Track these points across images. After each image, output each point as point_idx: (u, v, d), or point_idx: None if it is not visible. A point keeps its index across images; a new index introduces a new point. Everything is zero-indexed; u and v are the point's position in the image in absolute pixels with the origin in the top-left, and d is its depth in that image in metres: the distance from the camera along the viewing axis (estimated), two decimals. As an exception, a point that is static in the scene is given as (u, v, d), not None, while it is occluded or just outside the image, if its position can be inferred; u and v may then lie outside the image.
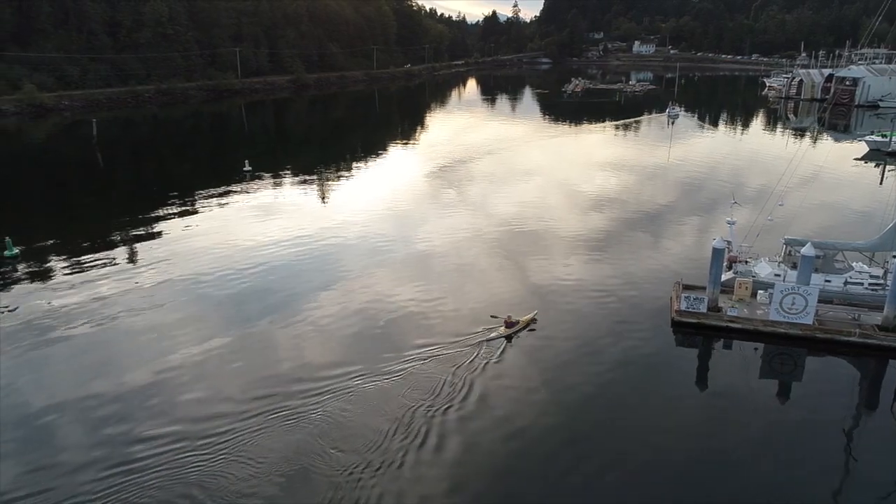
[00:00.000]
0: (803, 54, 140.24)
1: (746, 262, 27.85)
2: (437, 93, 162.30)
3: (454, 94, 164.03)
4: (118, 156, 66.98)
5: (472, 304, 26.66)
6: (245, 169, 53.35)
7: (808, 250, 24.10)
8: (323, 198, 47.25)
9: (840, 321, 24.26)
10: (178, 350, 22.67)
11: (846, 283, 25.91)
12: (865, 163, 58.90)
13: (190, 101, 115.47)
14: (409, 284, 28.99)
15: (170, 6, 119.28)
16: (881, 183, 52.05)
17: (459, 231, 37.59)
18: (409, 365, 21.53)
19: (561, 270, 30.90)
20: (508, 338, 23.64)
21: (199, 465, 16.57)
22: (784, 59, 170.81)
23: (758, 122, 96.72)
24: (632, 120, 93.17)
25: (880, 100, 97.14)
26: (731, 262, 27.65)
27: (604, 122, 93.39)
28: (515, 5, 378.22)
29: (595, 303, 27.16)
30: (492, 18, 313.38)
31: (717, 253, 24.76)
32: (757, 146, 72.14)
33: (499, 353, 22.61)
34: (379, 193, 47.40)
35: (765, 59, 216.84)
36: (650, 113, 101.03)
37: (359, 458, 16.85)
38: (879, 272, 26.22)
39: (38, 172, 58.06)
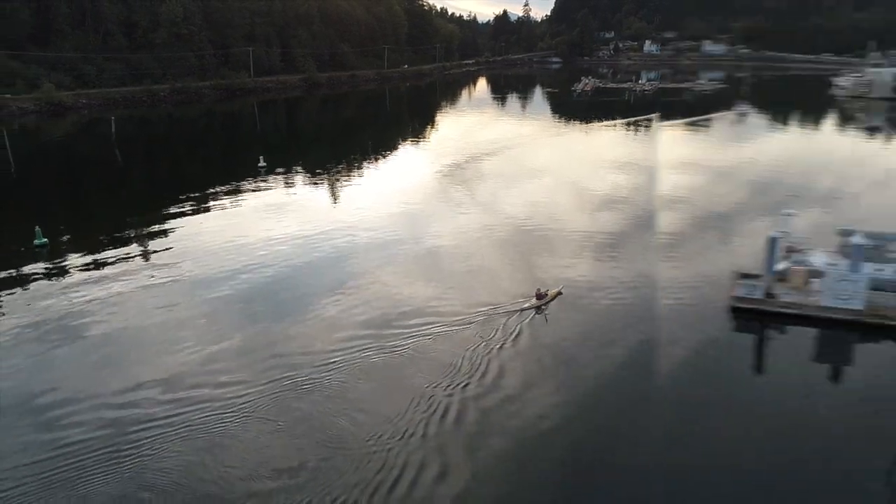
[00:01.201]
0: (876, 52, 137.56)
1: (803, 251, 28.64)
2: (448, 92, 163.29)
3: (464, 93, 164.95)
4: (135, 153, 68.54)
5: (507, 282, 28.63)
6: (260, 165, 54.60)
7: (857, 239, 25.15)
8: (334, 195, 48.02)
9: (891, 307, 24.93)
10: (197, 338, 23.61)
11: None
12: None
13: (204, 100, 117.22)
14: (438, 267, 30.84)
15: (184, 6, 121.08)
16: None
17: (487, 225, 38.29)
18: (449, 328, 23.79)
19: (631, 267, 31.06)
20: (538, 308, 25.58)
21: (219, 427, 17.76)
22: (855, 58, 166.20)
23: (824, 121, 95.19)
24: (642, 118, 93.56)
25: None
26: (789, 252, 28.49)
27: (613, 119, 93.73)
28: (526, 4, 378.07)
29: (654, 292, 27.84)
30: (502, 18, 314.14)
31: (774, 242, 25.96)
32: (821, 144, 71.86)
33: (528, 321, 24.63)
34: (390, 191, 48.07)
35: (836, 59, 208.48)
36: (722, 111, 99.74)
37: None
38: None
39: (59, 169, 59.64)
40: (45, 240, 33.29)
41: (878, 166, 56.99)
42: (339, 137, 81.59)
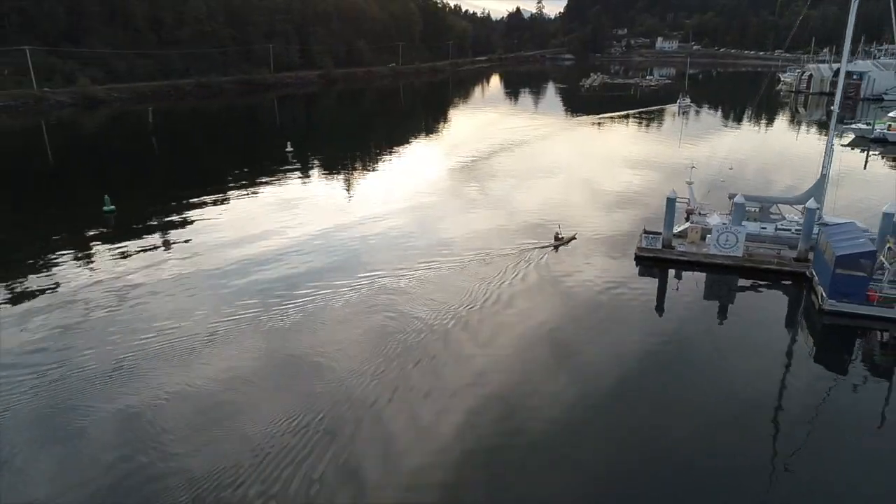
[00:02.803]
0: (825, 50, 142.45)
1: (700, 214, 33.49)
2: (461, 88, 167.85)
3: (477, 89, 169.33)
4: (170, 142, 74.16)
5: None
6: (287, 150, 59.86)
7: (739, 199, 30.40)
8: (349, 189, 49.93)
9: (765, 255, 30.31)
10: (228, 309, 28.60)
11: (777, 228, 31.70)
12: (852, 149, 63.25)
13: (226, 94, 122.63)
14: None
15: (208, 4, 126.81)
16: (864, 167, 56.88)
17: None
18: (484, 255, 31.55)
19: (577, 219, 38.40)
20: (556, 248, 32.79)
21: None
22: (806, 55, 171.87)
23: (764, 114, 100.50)
24: (644, 110, 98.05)
25: (885, 93, 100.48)
26: (689, 214, 33.48)
27: (616, 111, 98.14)
28: (540, 2, 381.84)
29: (592, 243, 34.48)
30: (516, 15, 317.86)
31: (671, 202, 30.97)
32: (749, 132, 78.93)
33: (545, 258, 31.72)
34: (404, 185, 50.07)
35: (787, 55, 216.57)
36: (664, 104, 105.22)
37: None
38: None
39: (104, 154, 65.42)
40: (113, 207, 39.06)
41: (781, 148, 66.16)
42: (354, 132, 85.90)
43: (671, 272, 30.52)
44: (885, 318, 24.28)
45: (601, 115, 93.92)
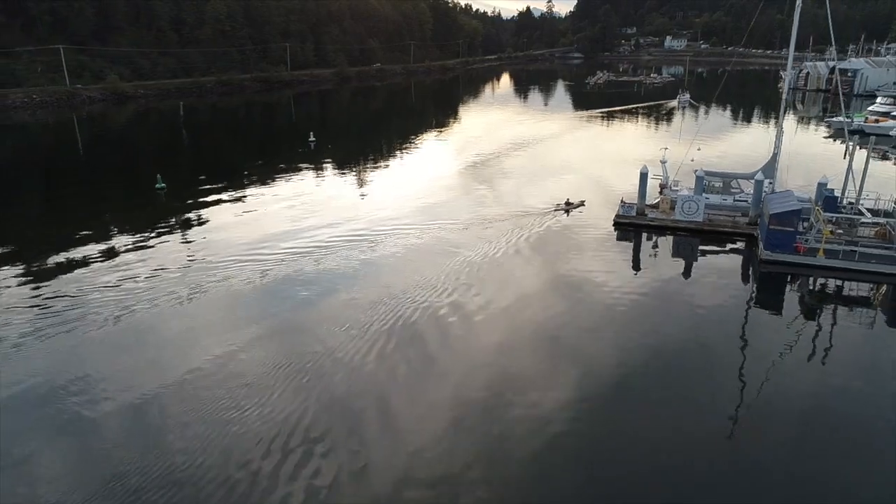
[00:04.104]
0: (831, 48, 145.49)
1: (672, 189, 38.25)
2: (470, 86, 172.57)
3: (487, 87, 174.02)
4: (197, 134, 79.83)
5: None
6: (310, 140, 64.94)
7: (699, 173, 35.54)
8: (361, 186, 49.94)
9: (723, 221, 35.27)
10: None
11: (735, 199, 36.51)
12: (834, 141, 67.63)
13: (245, 92, 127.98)
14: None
15: (227, 5, 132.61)
16: (844, 157, 60.97)
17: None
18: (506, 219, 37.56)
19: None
20: (566, 212, 38.91)
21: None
22: (813, 54, 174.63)
23: (761, 109, 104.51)
24: (642, 105, 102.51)
25: (877, 89, 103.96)
26: (662, 188, 38.32)
27: (616, 106, 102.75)
28: (549, 1, 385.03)
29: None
30: (526, 14, 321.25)
31: (643, 177, 35.84)
32: (740, 123, 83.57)
33: (555, 220, 37.94)
34: (417, 182, 51.05)
35: (795, 54, 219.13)
36: (664, 100, 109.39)
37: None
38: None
39: (140, 145, 71.10)
40: (164, 184, 45.00)
41: (758, 135, 71.09)
42: (366, 129, 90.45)
43: (644, 235, 35.42)
44: (809, 265, 29.24)
45: (601, 110, 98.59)
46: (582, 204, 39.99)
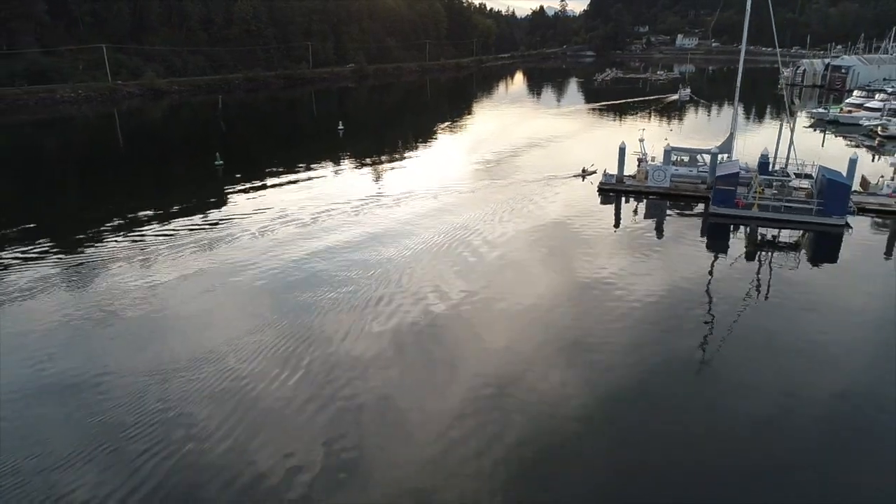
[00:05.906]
0: (839, 47, 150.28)
1: (648, 162, 44.79)
2: (484, 84, 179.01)
3: (500, 85, 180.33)
4: (234, 125, 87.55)
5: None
6: (339, 128, 71.73)
7: (666, 148, 42.61)
8: (377, 181, 50.75)
9: (685, 187, 42.21)
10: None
11: (699, 171, 43.16)
12: (814, 130, 73.96)
13: (270, 88, 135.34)
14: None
15: (254, 6, 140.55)
16: (822, 145, 67.05)
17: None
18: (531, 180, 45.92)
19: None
20: (582, 178, 46.54)
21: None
22: (822, 52, 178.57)
23: (757, 104, 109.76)
24: (644, 99, 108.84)
25: (867, 85, 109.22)
26: (640, 162, 45.04)
27: (618, 100, 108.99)
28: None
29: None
30: (539, 13, 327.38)
31: (622, 150, 43.05)
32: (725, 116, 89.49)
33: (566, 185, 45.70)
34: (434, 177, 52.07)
35: (804, 52, 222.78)
36: (666, 94, 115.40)
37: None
38: None
39: (183, 135, 78.82)
40: (221, 162, 52.25)
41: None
42: (384, 124, 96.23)
43: (622, 199, 42.33)
44: (746, 216, 36.46)
45: (607, 102, 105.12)
46: (594, 171, 46.76)
